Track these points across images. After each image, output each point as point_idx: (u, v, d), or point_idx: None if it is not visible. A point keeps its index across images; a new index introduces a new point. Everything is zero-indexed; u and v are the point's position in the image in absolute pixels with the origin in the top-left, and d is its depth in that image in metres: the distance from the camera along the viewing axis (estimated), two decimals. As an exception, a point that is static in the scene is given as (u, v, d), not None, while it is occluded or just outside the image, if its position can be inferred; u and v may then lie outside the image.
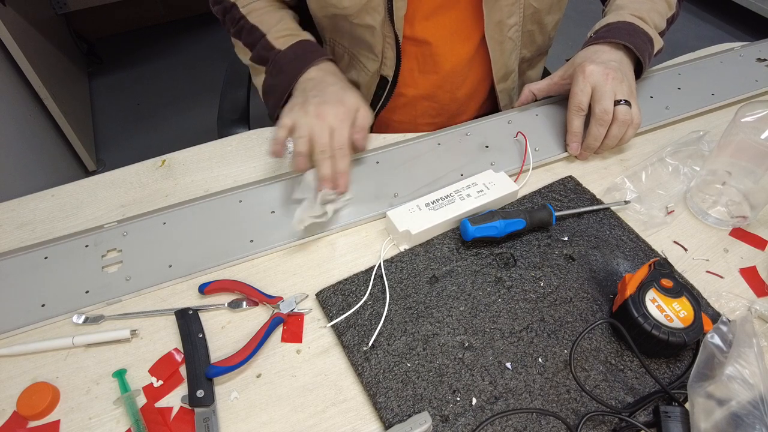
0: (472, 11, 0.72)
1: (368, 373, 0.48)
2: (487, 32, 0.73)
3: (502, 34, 0.74)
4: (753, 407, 0.42)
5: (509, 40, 0.75)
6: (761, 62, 0.84)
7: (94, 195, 0.64)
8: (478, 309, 0.52)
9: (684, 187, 0.65)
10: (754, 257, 0.59)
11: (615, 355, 0.50)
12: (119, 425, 0.45)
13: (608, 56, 0.67)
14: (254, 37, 0.71)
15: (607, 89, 0.63)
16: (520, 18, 0.73)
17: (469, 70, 0.78)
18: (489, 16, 0.71)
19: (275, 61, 0.68)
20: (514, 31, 0.74)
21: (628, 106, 0.64)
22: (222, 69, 0.95)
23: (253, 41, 0.71)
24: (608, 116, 0.63)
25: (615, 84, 0.63)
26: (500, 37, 0.74)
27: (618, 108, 0.63)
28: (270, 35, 0.69)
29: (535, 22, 0.76)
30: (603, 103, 0.63)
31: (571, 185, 0.65)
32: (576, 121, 0.66)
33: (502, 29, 0.73)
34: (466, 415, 0.45)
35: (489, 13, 0.70)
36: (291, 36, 0.69)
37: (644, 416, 0.46)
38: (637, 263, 0.57)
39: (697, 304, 0.48)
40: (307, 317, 0.52)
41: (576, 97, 0.65)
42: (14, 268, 0.55)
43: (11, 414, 0.46)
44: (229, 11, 0.74)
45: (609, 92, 0.63)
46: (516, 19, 0.73)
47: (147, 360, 0.49)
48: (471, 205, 0.59)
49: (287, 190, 0.63)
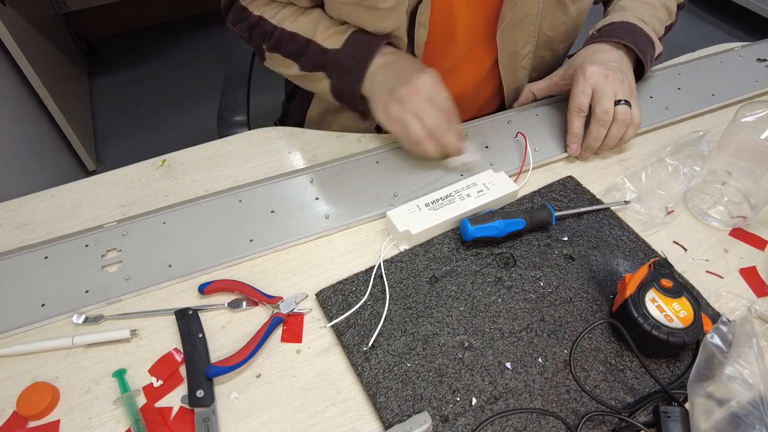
0: (485, 41, 0.71)
1: (368, 373, 0.48)
2: (501, 62, 0.73)
3: (516, 63, 0.74)
4: (753, 407, 0.42)
5: (522, 68, 0.75)
6: (761, 62, 0.84)
7: (94, 195, 0.64)
8: (478, 309, 0.52)
9: (684, 187, 0.65)
10: (754, 257, 0.59)
11: (615, 355, 0.50)
12: (119, 425, 0.45)
13: (608, 56, 0.67)
14: (298, 44, 0.65)
15: (607, 90, 0.63)
16: (533, 47, 0.73)
17: (477, 94, 0.79)
18: (503, 48, 0.71)
19: (336, 62, 0.64)
20: (528, 59, 0.74)
21: (628, 106, 0.64)
22: (222, 69, 0.95)
23: (299, 49, 0.66)
24: (609, 117, 0.63)
25: (615, 84, 0.63)
26: (514, 66, 0.74)
27: (618, 108, 0.63)
28: (317, 37, 0.65)
29: (548, 49, 0.76)
30: (603, 104, 0.63)
31: (571, 185, 0.65)
32: (576, 122, 0.66)
33: (516, 59, 0.73)
34: (466, 415, 0.45)
35: (503, 45, 0.70)
36: (339, 33, 0.65)
37: (644, 416, 0.46)
38: (637, 263, 0.57)
39: (697, 304, 0.48)
40: (307, 317, 0.52)
41: (576, 98, 0.65)
42: (14, 267, 0.55)
43: (11, 414, 0.46)
44: (256, 26, 0.69)
45: (609, 93, 0.63)
46: (530, 48, 0.73)
47: (147, 360, 0.49)
48: (471, 205, 0.59)
49: (287, 190, 0.63)
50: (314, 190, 0.63)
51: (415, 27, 0.66)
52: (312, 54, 0.65)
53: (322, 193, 0.62)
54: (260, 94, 1.10)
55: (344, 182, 0.64)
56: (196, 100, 2.11)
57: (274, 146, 0.70)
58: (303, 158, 0.69)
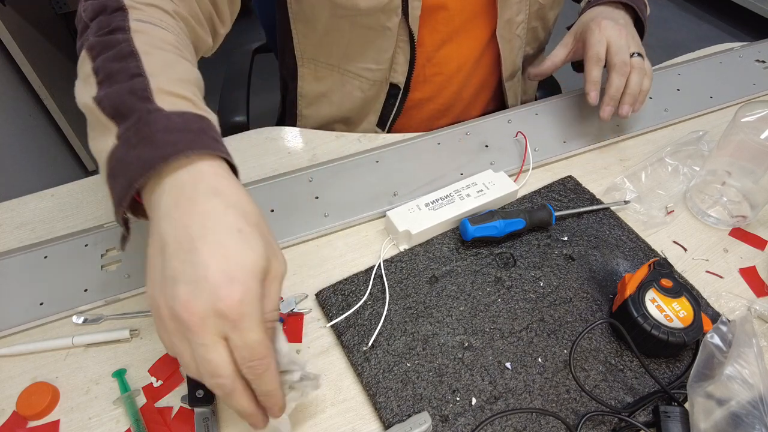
0: (482, 10, 0.72)
1: (368, 373, 0.48)
2: (499, 30, 0.73)
3: (511, 32, 0.74)
4: (752, 407, 0.42)
5: (517, 37, 0.75)
6: (760, 63, 0.84)
7: (94, 195, 0.64)
8: (477, 309, 0.52)
9: (684, 187, 0.65)
10: (754, 257, 0.59)
11: (615, 355, 0.50)
12: (119, 425, 0.45)
13: (613, 15, 0.68)
14: (124, 69, 0.40)
15: (622, 42, 0.64)
16: (526, 15, 0.74)
17: (475, 69, 0.78)
18: (501, 14, 0.71)
19: (146, 121, 0.37)
20: (521, 28, 0.75)
21: (641, 58, 0.64)
22: (222, 69, 0.95)
23: (114, 73, 0.40)
24: (628, 67, 0.63)
25: (628, 38, 0.65)
26: (509, 35, 0.74)
27: (633, 59, 0.64)
28: (155, 80, 0.39)
29: (539, 18, 0.76)
30: (621, 55, 0.63)
31: (571, 185, 0.65)
32: (595, 71, 0.65)
33: (511, 27, 0.73)
34: (466, 415, 0.45)
35: (502, 11, 0.70)
36: (187, 101, 0.40)
37: (644, 416, 0.46)
38: (637, 263, 0.57)
39: (696, 304, 0.48)
40: (306, 317, 0.52)
41: (593, 48, 0.64)
42: (14, 267, 0.55)
43: (11, 414, 0.46)
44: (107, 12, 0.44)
45: (624, 45, 0.64)
46: (523, 16, 0.73)
47: (147, 360, 0.49)
48: (471, 205, 0.59)
49: (287, 189, 0.63)
50: (314, 189, 0.63)
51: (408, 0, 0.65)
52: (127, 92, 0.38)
53: (322, 193, 0.62)
54: (260, 94, 1.10)
55: (344, 182, 0.64)
56: (196, 100, 2.11)
57: (274, 146, 0.70)
58: (303, 158, 0.69)
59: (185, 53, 0.46)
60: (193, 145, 0.36)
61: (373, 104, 0.78)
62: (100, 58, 0.41)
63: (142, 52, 0.41)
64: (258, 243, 0.35)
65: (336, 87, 0.77)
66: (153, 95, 0.38)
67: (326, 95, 0.79)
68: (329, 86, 0.78)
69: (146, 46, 0.42)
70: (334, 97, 0.79)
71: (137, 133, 0.37)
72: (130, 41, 0.42)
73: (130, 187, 0.36)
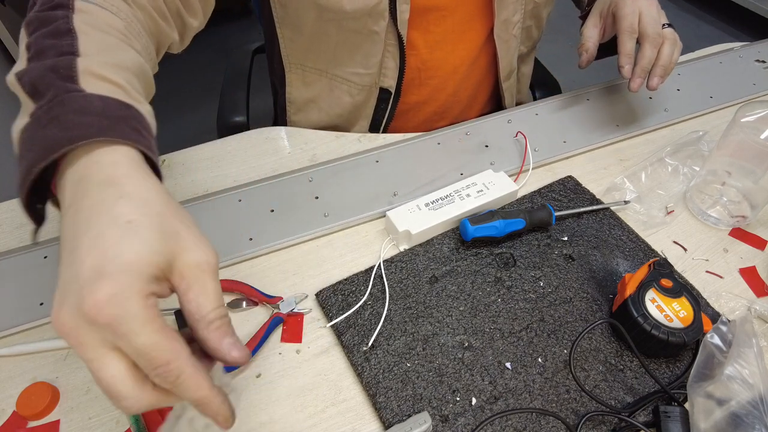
0: (478, 11, 0.71)
1: (368, 373, 0.48)
2: (496, 31, 0.72)
3: (508, 32, 0.74)
4: (752, 407, 0.42)
5: (513, 37, 0.75)
6: (760, 63, 0.84)
7: (93, 195, 0.64)
8: (477, 309, 0.52)
9: (684, 187, 0.65)
10: (754, 257, 0.59)
11: (615, 355, 0.50)
12: (119, 425, 0.45)
13: None
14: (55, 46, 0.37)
15: (654, 14, 0.64)
16: (522, 15, 0.73)
17: (471, 71, 0.78)
18: (499, 14, 0.70)
19: (61, 101, 0.34)
20: (517, 28, 0.75)
21: (672, 28, 0.65)
22: (222, 69, 0.95)
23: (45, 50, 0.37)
24: (661, 38, 0.63)
25: (658, 10, 0.65)
26: (506, 36, 0.74)
27: (665, 30, 0.64)
28: (85, 61, 0.36)
29: (534, 17, 0.76)
30: (655, 26, 0.63)
31: (571, 185, 0.65)
32: (629, 43, 0.64)
33: (508, 27, 0.73)
34: (466, 415, 0.45)
35: (499, 11, 0.70)
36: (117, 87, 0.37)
37: (644, 416, 0.46)
38: (637, 263, 0.57)
39: (696, 304, 0.48)
40: (306, 317, 0.52)
41: (627, 19, 0.63)
42: (14, 267, 0.55)
43: (11, 414, 0.46)
44: None
45: (656, 16, 0.64)
46: (519, 15, 0.73)
47: (147, 360, 0.49)
48: (471, 205, 0.59)
49: (287, 189, 0.63)
50: (314, 189, 0.63)
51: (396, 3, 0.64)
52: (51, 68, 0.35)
53: (322, 193, 0.62)
54: (260, 94, 1.10)
55: (344, 182, 0.64)
56: (196, 100, 2.11)
57: (274, 146, 0.70)
58: (303, 158, 0.69)
59: (133, 41, 0.43)
60: (106, 132, 0.32)
61: (363, 109, 0.77)
62: (35, 34, 0.39)
63: (80, 32, 0.38)
64: (150, 234, 0.29)
65: (324, 92, 0.76)
66: (78, 75, 0.35)
67: (315, 101, 0.78)
68: (317, 92, 0.77)
69: (86, 26, 0.39)
70: (322, 102, 0.78)
71: (48, 112, 0.33)
72: (68, 19, 0.39)
73: (29, 171, 0.32)
